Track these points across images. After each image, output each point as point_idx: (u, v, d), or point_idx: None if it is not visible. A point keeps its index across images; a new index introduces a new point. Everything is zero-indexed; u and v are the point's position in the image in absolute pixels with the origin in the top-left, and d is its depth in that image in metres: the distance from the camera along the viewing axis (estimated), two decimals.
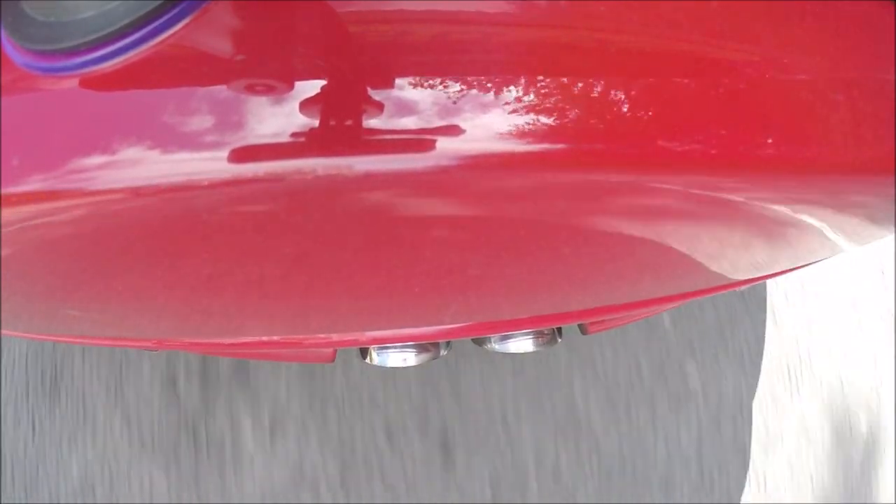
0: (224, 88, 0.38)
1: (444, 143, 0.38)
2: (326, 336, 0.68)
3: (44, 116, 0.39)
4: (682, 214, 0.48)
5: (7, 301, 0.52)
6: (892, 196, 0.47)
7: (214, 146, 0.37)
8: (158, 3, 0.37)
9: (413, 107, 0.38)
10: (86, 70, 0.38)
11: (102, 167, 0.37)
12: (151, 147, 0.37)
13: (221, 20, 0.39)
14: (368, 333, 0.67)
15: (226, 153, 0.37)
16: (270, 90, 0.38)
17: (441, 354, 0.79)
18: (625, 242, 0.51)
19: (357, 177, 0.38)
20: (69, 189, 0.38)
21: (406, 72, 0.39)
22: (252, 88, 0.38)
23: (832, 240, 0.58)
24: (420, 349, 0.77)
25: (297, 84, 0.38)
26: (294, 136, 0.37)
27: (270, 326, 0.64)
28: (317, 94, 0.38)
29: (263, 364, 1.15)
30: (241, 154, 0.37)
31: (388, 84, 0.38)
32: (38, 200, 0.38)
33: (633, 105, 0.40)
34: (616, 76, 0.40)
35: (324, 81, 0.38)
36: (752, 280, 0.71)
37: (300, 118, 0.37)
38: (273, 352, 0.84)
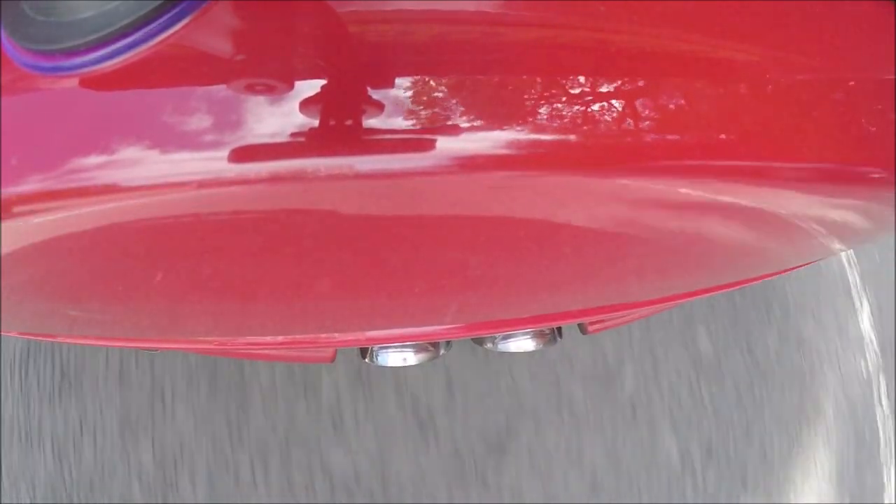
0: (224, 88, 0.38)
1: (444, 143, 0.38)
2: (327, 336, 0.68)
3: (44, 116, 0.39)
4: (681, 214, 0.48)
5: (7, 301, 0.52)
6: (893, 196, 0.47)
7: (214, 146, 0.37)
8: (158, 3, 0.37)
9: (413, 106, 0.38)
10: (86, 70, 0.38)
11: (102, 167, 0.37)
12: (151, 147, 0.37)
13: (221, 20, 0.39)
14: (369, 333, 0.67)
15: (226, 153, 0.37)
16: (270, 90, 0.38)
17: (441, 354, 0.79)
18: (624, 242, 0.51)
19: (357, 177, 0.38)
20: (69, 189, 0.38)
21: (406, 72, 0.39)
22: (252, 88, 0.38)
23: (832, 239, 0.58)
24: (420, 349, 0.77)
25: (297, 84, 0.38)
26: (294, 136, 0.37)
27: (270, 327, 0.64)
28: (317, 94, 0.38)
29: None
30: (241, 154, 0.37)
31: (388, 84, 0.38)
32: (38, 200, 0.38)
33: (633, 105, 0.40)
34: (616, 76, 0.40)
35: (324, 81, 0.38)
36: (752, 279, 0.71)
37: (300, 118, 0.37)
38: (273, 352, 0.84)
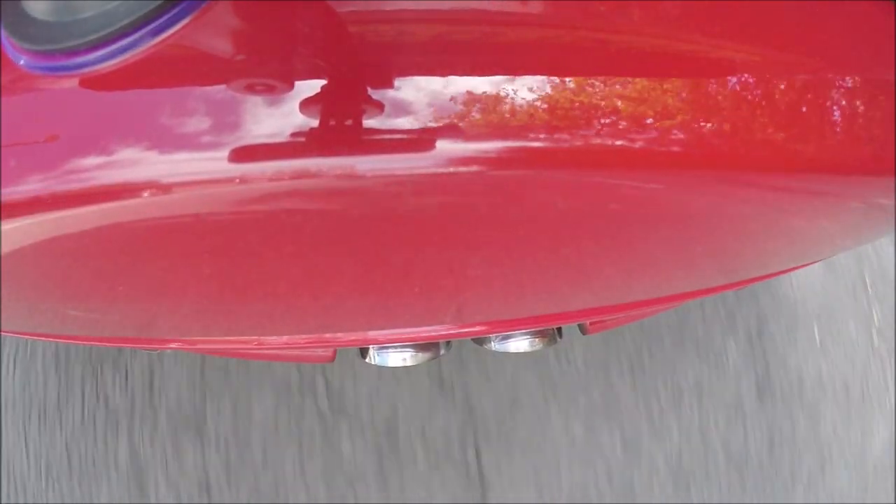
0: (224, 88, 0.38)
1: (444, 143, 0.38)
2: (327, 336, 0.68)
3: (44, 116, 0.39)
4: (682, 215, 0.48)
5: (7, 301, 0.52)
6: (893, 196, 0.47)
7: (214, 146, 0.37)
8: (158, 3, 0.37)
9: (413, 106, 0.38)
10: (86, 70, 0.38)
11: (102, 167, 0.37)
12: (150, 147, 0.37)
13: (221, 20, 0.39)
14: (368, 333, 0.67)
15: (225, 153, 0.37)
16: (270, 90, 0.38)
17: (441, 354, 0.79)
18: (625, 242, 0.51)
19: (357, 177, 0.38)
20: (69, 189, 0.38)
21: (406, 72, 0.39)
22: (252, 88, 0.38)
23: (832, 240, 0.58)
24: (419, 349, 0.77)
25: (297, 84, 0.38)
26: (294, 136, 0.37)
27: (270, 327, 0.64)
28: (317, 94, 0.38)
29: None
30: (241, 154, 0.37)
31: (388, 84, 0.38)
32: (38, 200, 0.38)
33: (633, 105, 0.40)
34: (616, 76, 0.40)
35: (324, 81, 0.38)
36: (752, 280, 0.71)
37: (300, 118, 0.37)
38: (273, 352, 0.84)
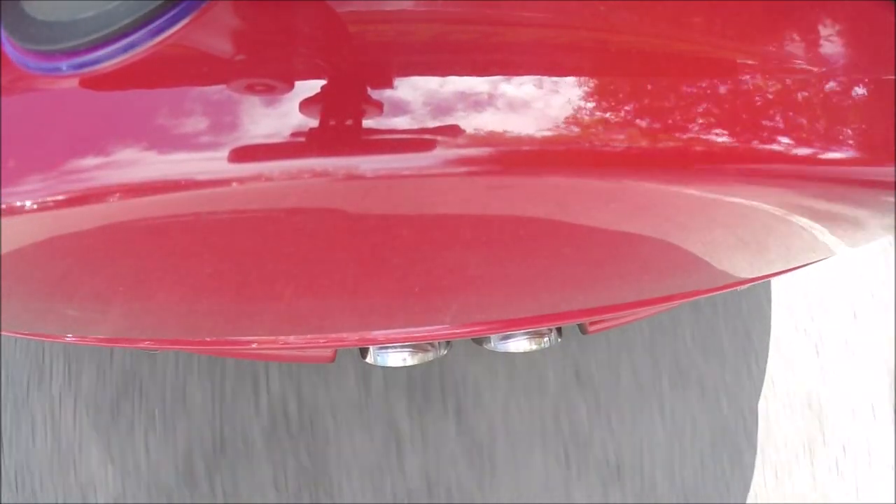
0: (224, 88, 0.38)
1: (444, 143, 0.38)
2: (326, 336, 0.67)
3: (44, 116, 0.39)
4: (681, 215, 0.48)
5: (7, 301, 0.52)
6: (893, 196, 0.47)
7: (214, 146, 0.37)
8: (158, 3, 0.37)
9: (413, 107, 0.38)
10: (86, 70, 0.38)
11: (102, 167, 0.37)
12: (150, 147, 0.37)
13: (221, 20, 0.39)
14: (368, 333, 0.67)
15: (225, 153, 0.37)
16: (270, 90, 0.38)
17: (441, 354, 0.79)
18: (625, 242, 0.51)
19: (357, 177, 0.38)
20: (69, 189, 0.38)
21: (406, 72, 0.39)
22: (252, 88, 0.38)
23: (832, 240, 0.58)
24: (419, 349, 0.77)
25: (297, 84, 0.38)
26: (294, 136, 0.37)
27: (270, 327, 0.64)
28: (317, 94, 0.38)
29: None
30: (241, 154, 0.37)
31: (388, 84, 0.38)
32: (38, 201, 0.38)
33: (634, 105, 0.40)
34: (616, 76, 0.40)
35: (324, 81, 0.38)
36: (752, 280, 0.71)
37: (300, 118, 0.37)
38: (273, 352, 0.84)
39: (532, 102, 0.39)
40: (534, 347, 0.78)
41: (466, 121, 0.38)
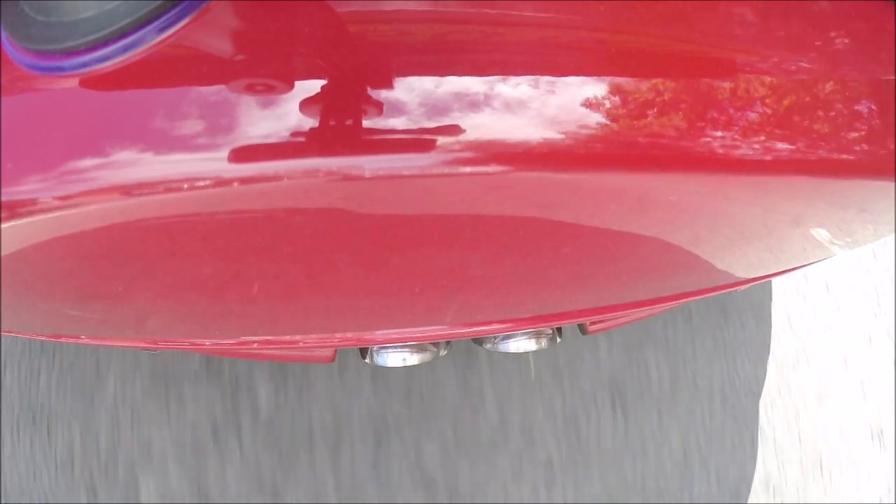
0: (224, 88, 0.38)
1: (444, 143, 0.38)
2: (326, 336, 0.67)
3: (44, 116, 0.39)
4: (681, 215, 0.48)
5: (6, 301, 0.52)
6: (892, 197, 0.47)
7: (214, 146, 0.37)
8: (158, 3, 0.37)
9: (413, 107, 0.38)
10: (86, 70, 0.38)
11: (102, 167, 0.37)
12: (150, 147, 0.37)
13: (221, 20, 0.39)
14: (368, 333, 0.67)
15: (225, 153, 0.37)
16: (270, 90, 0.38)
17: (441, 354, 0.79)
18: (624, 242, 0.51)
19: (357, 177, 0.38)
20: (69, 189, 0.38)
21: (406, 72, 0.39)
22: (252, 88, 0.38)
23: (832, 240, 0.58)
24: (419, 349, 0.77)
25: (297, 84, 0.38)
26: (294, 136, 0.37)
27: (270, 327, 0.64)
28: (317, 94, 0.38)
29: None
30: (241, 154, 0.37)
31: (388, 84, 0.38)
32: (38, 201, 0.38)
33: (634, 105, 0.40)
34: (616, 76, 0.40)
35: (324, 81, 0.38)
36: (753, 280, 0.71)
37: (300, 118, 0.37)
38: (272, 352, 0.84)
39: (532, 102, 0.39)
40: (534, 347, 0.78)
41: (466, 121, 0.38)
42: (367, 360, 0.79)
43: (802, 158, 0.42)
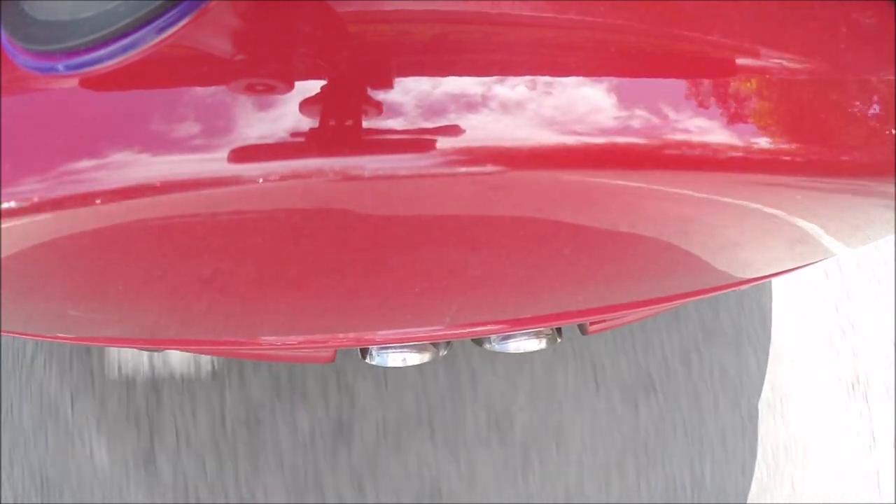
0: (224, 88, 0.38)
1: (445, 143, 0.38)
2: (326, 336, 0.67)
3: (43, 116, 0.39)
4: (681, 215, 0.48)
5: (6, 301, 0.52)
6: (892, 197, 0.47)
7: (214, 147, 0.37)
8: (158, 3, 0.37)
9: (413, 107, 0.38)
10: (86, 70, 0.38)
11: (101, 168, 0.37)
12: (150, 148, 0.37)
13: (221, 20, 0.39)
14: (368, 334, 0.67)
15: (225, 154, 0.37)
16: (270, 90, 0.38)
17: (441, 354, 0.79)
18: (624, 242, 0.51)
19: (357, 177, 0.38)
20: (69, 189, 0.38)
21: (406, 72, 0.39)
22: (252, 88, 0.38)
23: (833, 240, 0.58)
24: (419, 349, 0.77)
25: (297, 84, 0.38)
26: (293, 137, 0.37)
27: (269, 328, 0.64)
28: (317, 95, 0.38)
29: None
30: (241, 154, 0.37)
31: (389, 84, 0.38)
32: (38, 201, 0.38)
33: (634, 105, 0.40)
34: (616, 75, 0.40)
35: (324, 81, 0.38)
36: (753, 280, 0.71)
37: (300, 118, 0.37)
38: (272, 352, 0.84)
39: (531, 102, 0.39)
40: (534, 347, 0.78)
41: (466, 121, 0.38)
42: (368, 361, 0.79)
43: (802, 158, 0.42)
